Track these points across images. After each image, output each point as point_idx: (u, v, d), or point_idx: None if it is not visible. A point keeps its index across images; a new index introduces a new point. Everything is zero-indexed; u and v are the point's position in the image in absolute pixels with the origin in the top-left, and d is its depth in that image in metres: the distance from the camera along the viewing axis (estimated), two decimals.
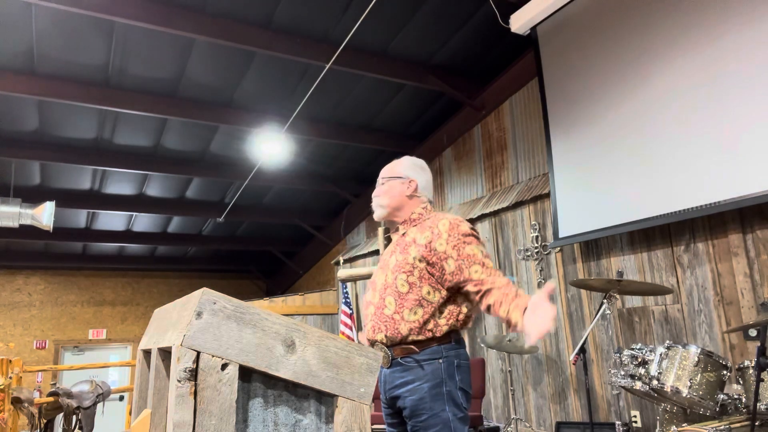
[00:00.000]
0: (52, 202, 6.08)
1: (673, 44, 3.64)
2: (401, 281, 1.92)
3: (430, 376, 1.84)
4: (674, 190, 3.55)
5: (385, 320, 1.92)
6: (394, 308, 1.91)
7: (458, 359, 1.90)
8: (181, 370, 1.14)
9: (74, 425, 5.29)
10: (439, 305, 1.89)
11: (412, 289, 1.90)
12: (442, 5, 4.56)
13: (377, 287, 2.02)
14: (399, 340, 1.89)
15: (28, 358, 9.54)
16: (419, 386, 1.84)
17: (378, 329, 1.94)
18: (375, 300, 2.00)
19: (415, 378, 1.86)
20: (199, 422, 1.15)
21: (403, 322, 1.88)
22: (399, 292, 1.92)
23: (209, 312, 1.20)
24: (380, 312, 1.95)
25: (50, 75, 4.89)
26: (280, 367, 1.26)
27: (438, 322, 1.88)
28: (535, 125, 5.01)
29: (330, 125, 6.21)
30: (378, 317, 1.95)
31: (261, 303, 7.69)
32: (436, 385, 1.83)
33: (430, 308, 1.88)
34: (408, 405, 1.85)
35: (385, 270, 2.02)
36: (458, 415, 1.83)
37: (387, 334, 1.91)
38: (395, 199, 2.09)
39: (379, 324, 1.94)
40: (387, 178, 2.15)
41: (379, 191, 2.13)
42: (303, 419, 1.31)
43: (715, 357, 2.67)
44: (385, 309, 1.94)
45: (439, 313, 1.89)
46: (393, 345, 1.91)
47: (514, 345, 4.45)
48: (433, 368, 1.85)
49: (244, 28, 4.51)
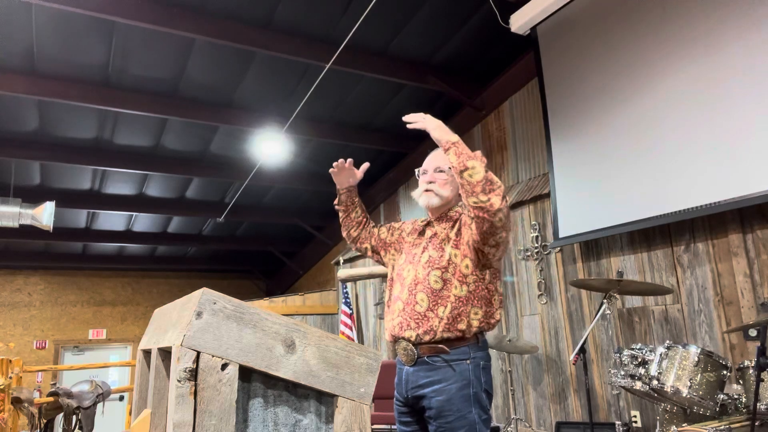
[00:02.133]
0: (52, 202, 6.08)
1: (673, 44, 3.64)
2: (435, 278, 1.90)
3: (459, 377, 1.83)
4: (674, 190, 3.55)
5: (416, 317, 1.88)
6: (427, 305, 1.88)
7: (484, 360, 1.89)
8: (181, 370, 1.14)
9: (74, 425, 5.29)
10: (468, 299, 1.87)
11: (447, 286, 1.88)
12: (442, 5, 4.56)
13: (406, 282, 1.97)
14: (430, 339, 1.86)
15: (28, 358, 9.53)
16: (447, 387, 1.82)
17: (407, 326, 1.89)
18: (404, 296, 1.95)
19: (443, 378, 1.83)
20: (199, 422, 1.15)
21: (437, 319, 1.85)
22: (432, 288, 1.89)
23: (209, 312, 1.20)
24: (411, 308, 1.90)
25: (50, 75, 4.89)
26: (280, 367, 1.26)
27: (471, 323, 1.87)
28: (535, 125, 5.01)
29: (330, 125, 6.20)
30: (408, 314, 1.90)
31: (261, 303, 7.69)
32: (464, 386, 1.82)
33: (459, 303, 1.86)
34: (434, 406, 1.82)
35: (415, 265, 1.97)
36: (483, 417, 1.83)
37: (419, 331, 1.86)
38: (453, 194, 2.05)
39: (409, 321, 1.89)
40: (440, 170, 2.07)
41: (441, 181, 2.05)
42: (303, 419, 1.31)
43: (715, 357, 2.67)
44: (417, 306, 1.90)
45: (471, 307, 1.87)
46: (421, 343, 1.87)
47: (514, 345, 4.45)
48: (462, 369, 1.84)
49: (244, 28, 4.51)
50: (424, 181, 2.08)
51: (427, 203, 2.05)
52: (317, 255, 9.62)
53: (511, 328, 4.97)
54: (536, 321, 4.73)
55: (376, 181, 7.43)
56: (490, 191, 1.75)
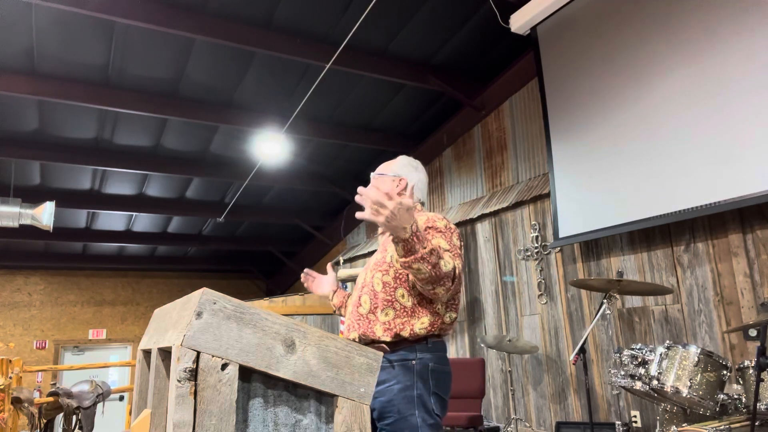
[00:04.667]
0: (52, 202, 6.08)
1: (673, 44, 3.64)
2: (377, 280, 1.86)
3: (401, 378, 1.75)
4: (674, 190, 3.55)
5: (359, 318, 1.87)
6: (368, 307, 1.86)
7: (433, 362, 1.80)
8: (181, 370, 1.14)
9: (74, 425, 5.29)
10: (414, 311, 1.79)
11: (386, 288, 1.83)
12: (442, 5, 4.56)
13: (358, 285, 1.99)
14: (371, 340, 1.81)
15: (28, 358, 9.54)
16: (389, 387, 1.76)
17: (352, 327, 1.89)
18: (353, 298, 1.97)
19: (386, 379, 1.77)
20: (199, 422, 1.15)
21: (377, 322, 1.81)
22: (374, 291, 1.86)
23: (209, 312, 1.20)
24: (355, 310, 1.90)
25: (50, 75, 4.89)
26: (280, 367, 1.26)
27: (413, 329, 1.78)
28: (535, 125, 5.01)
29: (330, 125, 6.21)
30: (353, 315, 1.90)
31: (261, 303, 7.68)
32: (406, 387, 1.74)
33: (403, 312, 1.79)
34: (377, 407, 1.76)
35: (367, 268, 1.98)
36: (428, 421, 1.73)
37: (360, 333, 1.84)
38: None
39: (354, 322, 1.89)
40: (377, 174, 2.11)
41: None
42: (303, 419, 1.31)
43: (715, 357, 2.67)
44: (360, 308, 1.89)
45: (416, 319, 1.78)
46: (365, 344, 1.80)
47: (514, 345, 4.45)
48: (405, 369, 1.76)
49: (244, 28, 4.51)
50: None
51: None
52: (317, 255, 9.62)
53: (511, 328, 4.97)
54: (536, 321, 4.73)
55: None
56: (436, 284, 1.65)
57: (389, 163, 2.14)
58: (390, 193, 1.59)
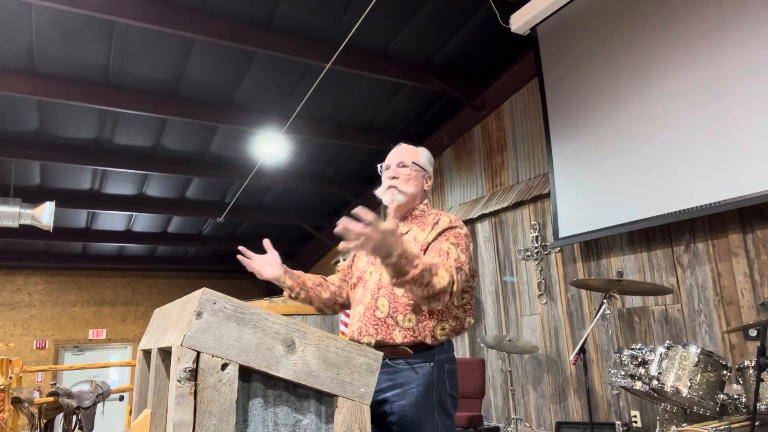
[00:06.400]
0: (52, 202, 6.08)
1: (673, 44, 3.64)
2: None
3: (421, 380, 1.72)
4: (674, 190, 3.55)
5: (375, 323, 1.77)
6: (387, 311, 1.77)
7: (449, 363, 1.79)
8: (181, 370, 1.14)
9: (74, 425, 5.28)
10: (436, 316, 1.76)
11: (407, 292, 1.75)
12: (442, 5, 4.56)
13: (369, 286, 1.86)
14: (391, 345, 1.75)
15: (28, 358, 9.54)
16: (409, 390, 1.71)
17: (366, 332, 1.78)
18: (366, 300, 1.84)
19: (405, 382, 1.72)
20: (199, 422, 1.15)
21: (397, 327, 1.74)
22: (394, 294, 1.78)
23: (209, 312, 1.20)
24: (371, 314, 1.79)
25: (50, 75, 4.89)
26: (280, 367, 1.26)
27: (434, 334, 1.76)
28: (535, 125, 5.01)
29: (330, 125, 6.21)
30: (368, 319, 1.79)
31: (261, 303, 7.68)
32: (426, 390, 1.71)
33: (425, 317, 1.75)
34: (396, 411, 1.71)
35: (379, 267, 1.84)
36: (446, 422, 1.73)
37: (377, 338, 1.75)
38: (417, 189, 1.95)
39: (368, 327, 1.78)
40: (414, 164, 1.96)
41: (404, 177, 1.94)
42: (303, 419, 1.31)
43: (715, 357, 2.67)
44: (377, 311, 1.79)
45: (437, 324, 1.76)
46: (381, 347, 1.75)
47: (514, 345, 4.45)
48: (424, 372, 1.73)
49: (244, 28, 4.51)
50: (387, 177, 1.97)
51: (390, 201, 1.90)
52: (317, 255, 9.62)
53: (511, 328, 4.97)
54: (536, 321, 4.73)
55: (378, 181, 7.43)
56: (431, 300, 1.63)
57: (417, 154, 1.99)
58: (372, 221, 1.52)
